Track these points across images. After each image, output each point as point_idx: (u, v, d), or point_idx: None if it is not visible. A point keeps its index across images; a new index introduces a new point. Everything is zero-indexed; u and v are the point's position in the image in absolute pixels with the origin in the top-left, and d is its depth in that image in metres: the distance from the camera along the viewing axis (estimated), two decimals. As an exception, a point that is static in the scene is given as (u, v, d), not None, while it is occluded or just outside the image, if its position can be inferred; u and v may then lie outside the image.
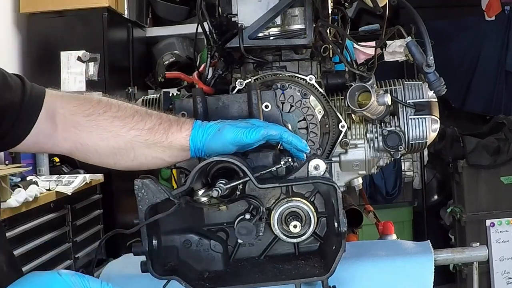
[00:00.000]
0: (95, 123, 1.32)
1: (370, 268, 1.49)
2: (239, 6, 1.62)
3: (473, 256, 1.61)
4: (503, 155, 4.32)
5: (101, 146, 1.34)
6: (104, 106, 1.34)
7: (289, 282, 1.34)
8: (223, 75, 1.75)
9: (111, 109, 1.33)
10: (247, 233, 1.32)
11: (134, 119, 1.33)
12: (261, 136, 1.31)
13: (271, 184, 1.33)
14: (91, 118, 1.33)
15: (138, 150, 1.34)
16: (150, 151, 1.35)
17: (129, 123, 1.33)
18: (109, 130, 1.32)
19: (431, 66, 1.53)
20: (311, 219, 1.38)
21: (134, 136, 1.33)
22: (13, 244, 2.55)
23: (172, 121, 1.36)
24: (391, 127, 1.71)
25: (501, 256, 4.35)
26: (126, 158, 1.36)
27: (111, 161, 1.37)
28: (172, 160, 1.38)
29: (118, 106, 1.34)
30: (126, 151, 1.35)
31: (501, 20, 5.56)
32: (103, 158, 1.37)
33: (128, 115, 1.34)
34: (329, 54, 1.77)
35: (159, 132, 1.33)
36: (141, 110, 1.36)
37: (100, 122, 1.32)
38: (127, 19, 4.27)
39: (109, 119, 1.32)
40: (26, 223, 2.71)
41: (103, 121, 1.32)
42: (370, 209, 2.33)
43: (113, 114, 1.33)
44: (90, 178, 3.23)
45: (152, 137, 1.33)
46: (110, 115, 1.33)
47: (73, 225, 3.13)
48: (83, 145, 1.33)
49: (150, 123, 1.34)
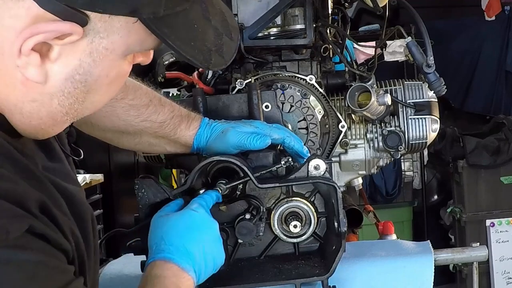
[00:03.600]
0: (111, 108, 1.32)
1: (370, 268, 1.49)
2: (239, 6, 1.62)
3: (473, 256, 1.61)
4: (503, 155, 4.32)
5: (110, 128, 1.36)
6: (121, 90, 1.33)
7: (289, 282, 1.34)
8: (223, 75, 1.75)
9: (128, 95, 1.33)
10: (247, 233, 1.32)
11: (148, 109, 1.35)
12: (266, 145, 1.32)
13: (271, 184, 1.33)
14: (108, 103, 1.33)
15: (145, 138, 1.38)
16: (156, 141, 1.39)
17: (143, 113, 1.34)
18: (123, 119, 1.34)
19: (431, 66, 1.53)
20: (311, 219, 1.38)
21: (145, 127, 1.35)
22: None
23: (183, 117, 1.38)
24: (391, 127, 1.71)
25: (501, 256, 4.35)
26: (131, 141, 1.40)
27: (115, 140, 1.41)
28: (172, 151, 1.43)
29: (134, 92, 1.34)
30: (132, 136, 1.38)
31: (501, 20, 5.56)
32: (108, 136, 1.40)
33: (143, 104, 1.34)
34: (329, 54, 1.77)
35: (169, 127, 1.36)
36: (155, 99, 1.37)
37: (116, 109, 1.33)
38: (127, 19, 4.26)
39: (126, 107, 1.33)
40: (26, 223, 2.71)
41: (119, 108, 1.33)
42: (370, 209, 2.33)
43: (129, 101, 1.33)
44: (90, 178, 3.23)
45: (162, 130, 1.36)
46: (126, 102, 1.33)
47: (73, 225, 3.13)
48: (93, 124, 1.34)
49: (163, 116, 1.35)
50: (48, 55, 0.81)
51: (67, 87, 0.84)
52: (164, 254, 1.11)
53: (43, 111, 0.86)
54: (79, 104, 0.88)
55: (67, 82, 0.84)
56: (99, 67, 0.85)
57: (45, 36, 0.79)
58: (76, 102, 0.87)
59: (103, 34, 0.82)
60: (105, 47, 0.83)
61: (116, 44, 0.84)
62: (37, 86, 0.83)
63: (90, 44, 0.82)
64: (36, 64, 0.81)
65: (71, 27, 0.79)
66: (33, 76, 0.81)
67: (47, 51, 0.81)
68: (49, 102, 0.85)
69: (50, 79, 0.83)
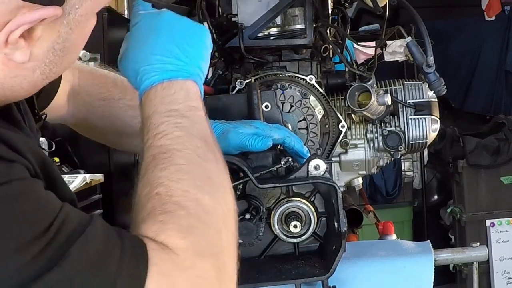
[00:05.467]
0: (109, 109, 1.32)
1: (370, 268, 1.49)
2: (239, 6, 1.62)
3: (473, 256, 1.61)
4: (503, 155, 4.32)
5: (108, 131, 1.35)
6: (119, 91, 1.33)
7: (289, 282, 1.34)
8: (223, 75, 1.75)
9: (126, 96, 1.33)
10: (247, 233, 1.32)
11: None
12: (267, 146, 1.32)
13: (271, 184, 1.33)
14: (106, 103, 1.32)
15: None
16: None
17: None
18: (121, 119, 1.33)
19: (431, 66, 1.53)
20: (311, 219, 1.38)
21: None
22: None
23: None
24: (391, 127, 1.71)
25: (501, 256, 4.35)
26: (130, 142, 1.38)
27: (114, 142, 1.40)
28: None
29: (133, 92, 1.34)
30: (132, 137, 1.36)
31: (501, 20, 5.56)
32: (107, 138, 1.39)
33: None
34: (329, 54, 1.77)
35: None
36: None
37: (114, 110, 1.32)
38: (127, 19, 4.27)
39: (124, 107, 1.32)
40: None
41: (117, 108, 1.32)
42: (370, 209, 2.33)
43: (127, 101, 1.32)
44: (90, 178, 3.23)
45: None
46: (125, 102, 1.32)
47: (73, 225, 3.12)
48: (91, 126, 1.34)
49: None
50: (31, 36, 0.84)
51: (48, 57, 0.87)
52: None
53: (25, 83, 0.88)
54: (57, 67, 0.90)
55: (48, 53, 0.87)
56: (76, 32, 0.89)
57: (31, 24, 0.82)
58: (55, 67, 0.90)
59: (78, 4, 0.86)
60: (80, 14, 0.87)
61: (89, 8, 0.88)
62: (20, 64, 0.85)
63: (67, 16, 0.86)
64: (22, 47, 0.83)
65: (54, 10, 0.82)
66: (19, 58, 0.84)
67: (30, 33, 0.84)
68: (31, 74, 0.87)
69: (33, 55, 0.85)
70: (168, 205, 0.88)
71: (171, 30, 1.05)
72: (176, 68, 1.01)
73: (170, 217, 0.88)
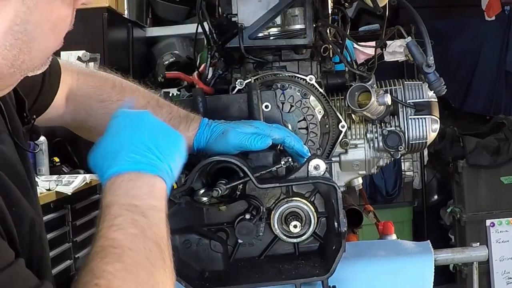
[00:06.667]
0: (108, 110, 1.31)
1: (370, 268, 1.49)
2: (239, 6, 1.62)
3: (473, 256, 1.61)
4: (503, 155, 4.32)
5: None
6: (118, 92, 1.33)
7: (289, 282, 1.34)
8: (223, 75, 1.75)
9: (124, 97, 1.32)
10: (247, 233, 1.33)
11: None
12: (266, 146, 1.32)
13: (271, 184, 1.33)
14: (105, 105, 1.32)
15: None
16: None
17: None
18: None
19: (431, 66, 1.53)
20: (311, 219, 1.38)
21: None
22: (13, 244, 2.55)
23: (182, 118, 1.37)
24: (391, 127, 1.71)
25: (501, 256, 4.35)
26: None
27: None
28: None
29: (131, 93, 1.34)
30: None
31: (501, 20, 5.56)
32: None
33: (140, 105, 1.33)
34: (329, 54, 1.77)
35: None
36: (152, 101, 1.36)
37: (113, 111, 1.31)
38: (127, 19, 4.27)
39: None
40: (26, 223, 2.71)
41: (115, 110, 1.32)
42: (370, 209, 2.33)
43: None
44: (90, 178, 3.23)
45: None
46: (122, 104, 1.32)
47: (73, 225, 3.13)
48: (90, 127, 1.33)
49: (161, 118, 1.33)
50: None
51: (8, 39, 0.85)
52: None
53: None
54: (24, 55, 0.87)
55: (7, 35, 0.85)
56: (36, 13, 0.85)
57: None
58: (21, 53, 0.87)
59: None
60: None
61: None
62: None
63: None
64: None
65: None
66: None
67: None
68: None
69: None
70: None
71: (150, 127, 1.03)
72: (147, 162, 0.98)
73: None
